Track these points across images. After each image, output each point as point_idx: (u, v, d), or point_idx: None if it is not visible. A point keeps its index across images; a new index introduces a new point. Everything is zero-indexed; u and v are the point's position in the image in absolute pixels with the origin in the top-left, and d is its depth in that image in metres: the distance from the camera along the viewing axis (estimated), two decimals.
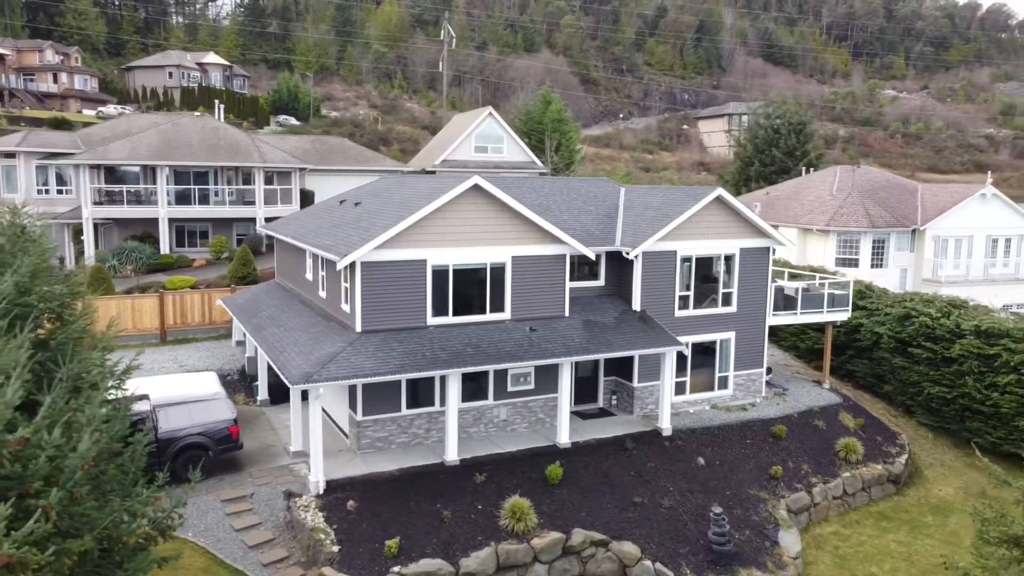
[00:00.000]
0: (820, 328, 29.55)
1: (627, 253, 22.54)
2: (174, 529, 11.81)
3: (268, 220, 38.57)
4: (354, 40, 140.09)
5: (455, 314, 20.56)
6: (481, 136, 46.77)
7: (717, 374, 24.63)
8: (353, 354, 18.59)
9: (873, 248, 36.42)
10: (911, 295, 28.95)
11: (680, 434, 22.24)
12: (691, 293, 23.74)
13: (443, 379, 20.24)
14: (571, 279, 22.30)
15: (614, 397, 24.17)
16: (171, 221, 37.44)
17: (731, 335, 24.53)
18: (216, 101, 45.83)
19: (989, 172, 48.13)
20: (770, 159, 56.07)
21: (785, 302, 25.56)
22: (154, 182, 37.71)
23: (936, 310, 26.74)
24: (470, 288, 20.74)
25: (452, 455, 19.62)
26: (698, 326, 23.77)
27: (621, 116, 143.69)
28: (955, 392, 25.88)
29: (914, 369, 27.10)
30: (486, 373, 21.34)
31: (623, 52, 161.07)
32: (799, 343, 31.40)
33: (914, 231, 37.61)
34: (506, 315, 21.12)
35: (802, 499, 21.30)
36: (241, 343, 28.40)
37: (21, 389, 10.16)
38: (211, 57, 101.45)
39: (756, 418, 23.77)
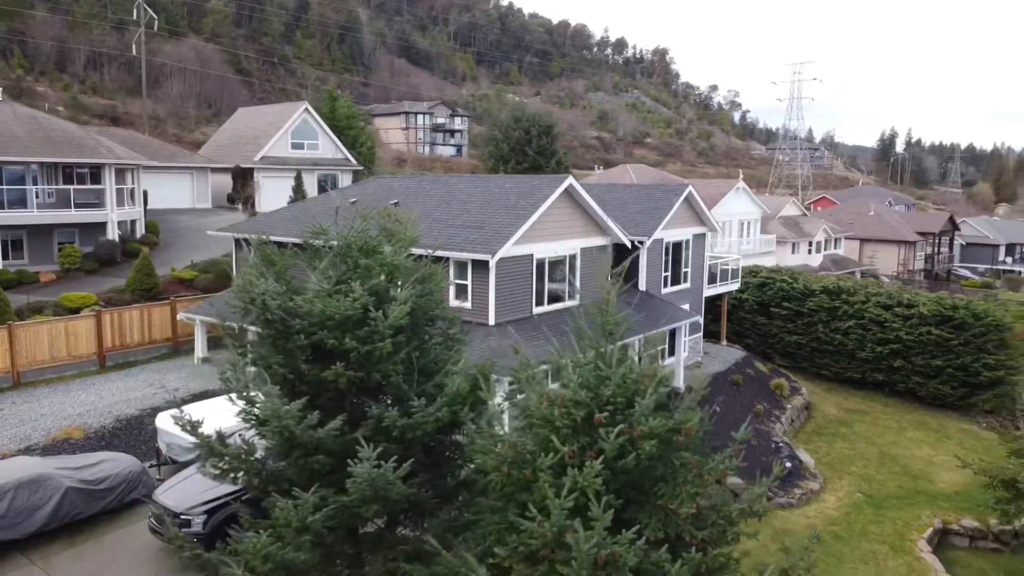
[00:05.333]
0: None
1: (640, 243, 26.25)
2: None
3: (121, 223, 34.02)
4: None
5: (548, 303, 22.44)
6: (297, 132, 45.33)
7: (678, 339, 29.57)
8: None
9: None
10: (757, 267, 37.05)
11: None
12: (669, 274, 28.29)
13: None
14: None
15: None
16: None
17: (687, 306, 29.64)
18: None
19: (740, 171, 60.37)
20: (523, 157, 62.47)
21: (710, 277, 31.45)
22: None
23: (789, 276, 35.02)
24: (555, 279, 22.75)
25: None
26: (673, 300, 28.40)
27: None
28: (807, 338, 34.33)
29: (773, 324, 35.07)
30: None
31: (273, 43, 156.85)
32: None
33: None
34: (576, 301, 23.50)
35: (779, 428, 27.33)
36: (207, 359, 25.88)
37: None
38: None
39: (715, 372, 29.23)
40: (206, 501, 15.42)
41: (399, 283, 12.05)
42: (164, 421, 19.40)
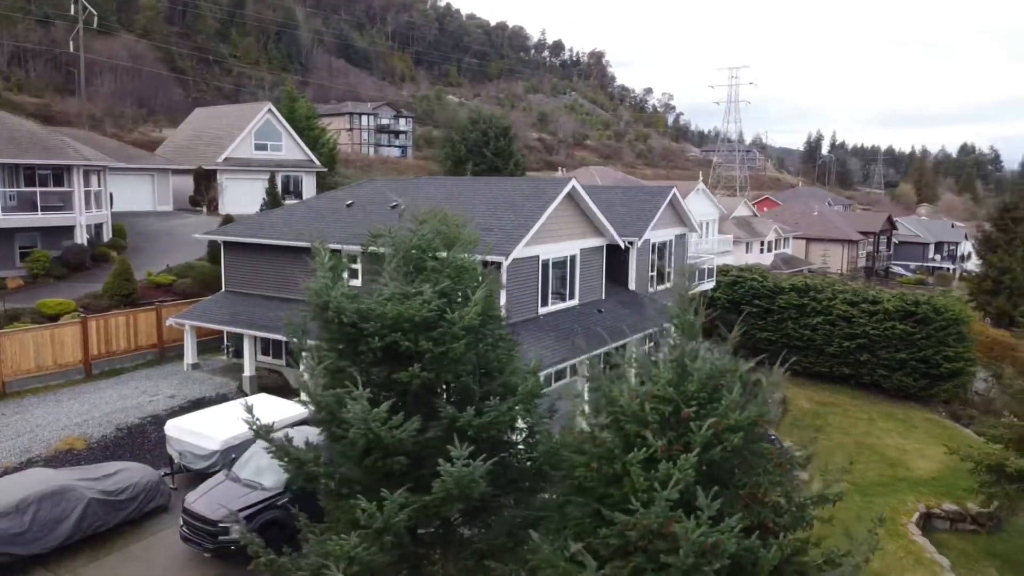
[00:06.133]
0: None
1: (631, 243, 26.82)
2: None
3: (87, 227, 32.99)
4: None
5: (552, 303, 22.78)
6: (260, 133, 44.55)
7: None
8: (532, 345, 19.91)
9: None
10: (727, 266, 38.15)
11: None
12: (655, 273, 28.97)
13: None
14: None
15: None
16: None
17: (669, 303, 30.32)
18: None
19: (700, 173, 61.65)
20: (481, 159, 62.64)
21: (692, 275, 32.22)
22: None
23: (759, 275, 36.20)
24: (558, 279, 23.11)
25: None
26: (659, 299, 29.08)
27: None
28: (777, 334, 35.54)
29: (744, 321, 36.09)
30: None
31: (207, 41, 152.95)
32: None
33: None
34: (576, 301, 23.92)
35: None
36: (197, 365, 25.39)
37: None
38: None
39: None
40: (242, 508, 15.21)
41: (465, 284, 12.22)
42: (174, 429, 19.05)
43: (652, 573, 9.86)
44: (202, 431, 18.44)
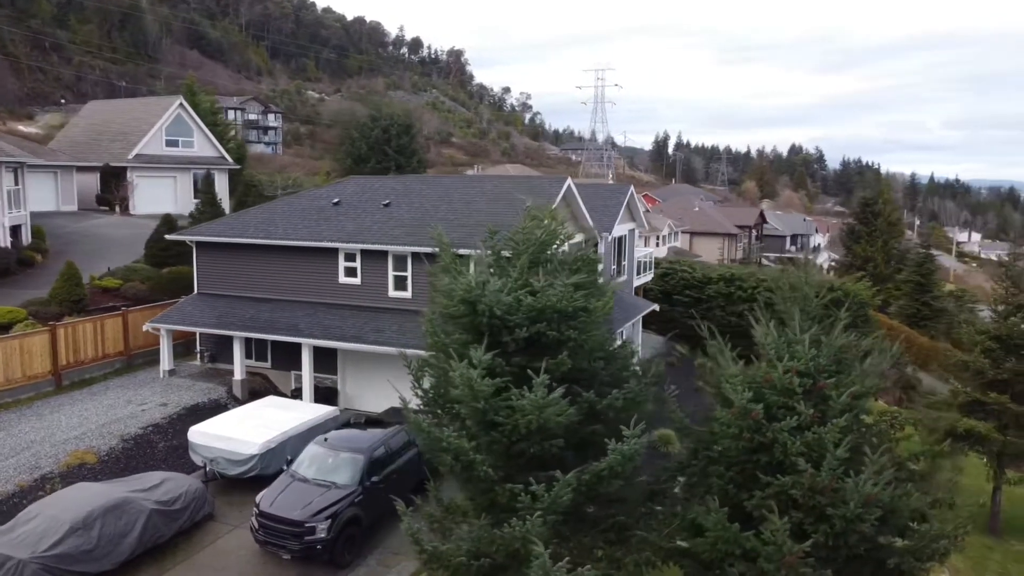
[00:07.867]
0: None
1: (602, 237, 28.09)
2: None
3: (13, 228, 30.56)
4: None
5: None
6: (171, 129, 42.29)
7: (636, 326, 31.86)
8: None
9: None
10: (658, 259, 40.34)
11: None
12: (615, 266, 30.44)
13: None
14: None
15: None
16: None
17: (624, 295, 31.99)
18: None
19: (609, 171, 63.57)
20: (383, 157, 62.09)
21: (638, 268, 34.05)
22: None
23: (688, 266, 38.63)
24: None
25: None
26: (623, 290, 30.59)
27: (64, 100, 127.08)
28: (707, 322, 38.07)
29: (675, 310, 38.49)
30: None
31: (43, 26, 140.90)
32: None
33: None
34: None
35: None
36: (174, 371, 24.36)
37: None
38: None
39: (655, 354, 31.82)
40: (325, 507, 15.18)
41: (591, 276, 12.98)
42: (200, 435, 18.54)
43: (811, 526, 11.11)
44: (235, 436, 17.99)
